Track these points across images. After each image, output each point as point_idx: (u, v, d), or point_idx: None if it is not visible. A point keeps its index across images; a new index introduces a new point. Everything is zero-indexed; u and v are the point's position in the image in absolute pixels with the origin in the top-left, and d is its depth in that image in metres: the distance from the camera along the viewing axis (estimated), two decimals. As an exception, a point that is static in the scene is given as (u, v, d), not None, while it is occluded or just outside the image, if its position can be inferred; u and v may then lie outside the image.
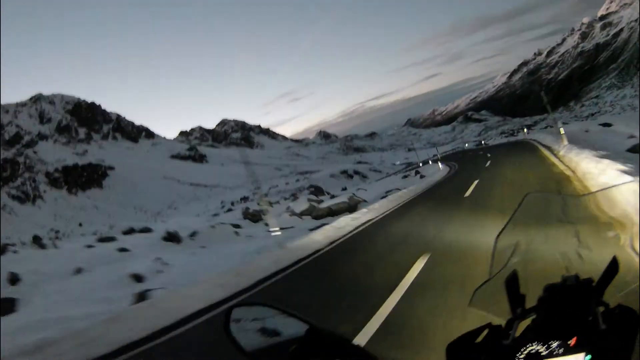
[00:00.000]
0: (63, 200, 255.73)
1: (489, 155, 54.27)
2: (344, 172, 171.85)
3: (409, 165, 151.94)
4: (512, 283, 1.75)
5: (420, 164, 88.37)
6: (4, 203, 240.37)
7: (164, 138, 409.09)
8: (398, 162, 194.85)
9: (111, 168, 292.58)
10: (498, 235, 2.01)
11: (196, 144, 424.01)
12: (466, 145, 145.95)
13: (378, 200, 29.78)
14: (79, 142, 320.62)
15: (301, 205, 35.61)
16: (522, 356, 1.54)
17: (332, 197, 45.57)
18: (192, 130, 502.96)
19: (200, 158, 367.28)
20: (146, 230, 30.17)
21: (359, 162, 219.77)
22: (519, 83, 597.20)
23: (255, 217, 35.34)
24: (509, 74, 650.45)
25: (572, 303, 1.65)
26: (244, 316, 1.80)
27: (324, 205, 34.25)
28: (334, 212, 31.93)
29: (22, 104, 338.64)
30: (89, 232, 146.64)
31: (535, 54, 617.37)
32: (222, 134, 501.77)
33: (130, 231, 30.63)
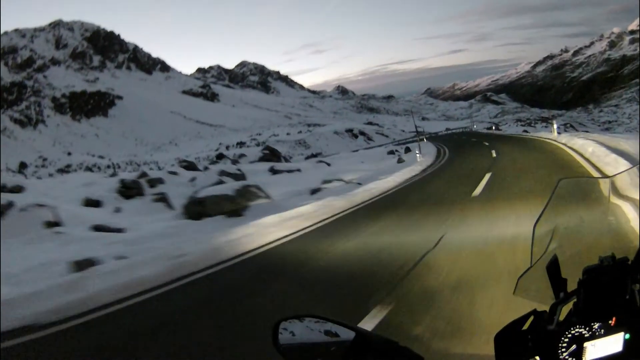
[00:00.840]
0: (65, 126, 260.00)
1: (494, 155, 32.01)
2: (349, 130, 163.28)
3: (417, 135, 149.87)
4: (553, 268, 1.79)
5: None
6: (5, 126, 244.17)
7: (180, 73, 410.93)
8: (411, 130, 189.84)
9: (119, 98, 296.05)
10: (536, 223, 2.04)
11: (212, 82, 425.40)
12: (474, 126, 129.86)
13: (297, 202, 17.63)
14: (91, 70, 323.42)
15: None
16: (566, 340, 1.57)
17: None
18: (210, 68, 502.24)
19: (212, 96, 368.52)
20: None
21: (369, 123, 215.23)
22: (542, 75, 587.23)
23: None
24: (533, 64, 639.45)
25: (610, 283, 1.66)
26: (292, 328, 1.81)
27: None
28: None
29: (41, 29, 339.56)
30: (77, 162, 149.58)
31: (562, 50, 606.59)
32: (240, 76, 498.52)
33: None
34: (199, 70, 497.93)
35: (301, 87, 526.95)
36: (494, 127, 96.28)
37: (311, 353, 1.75)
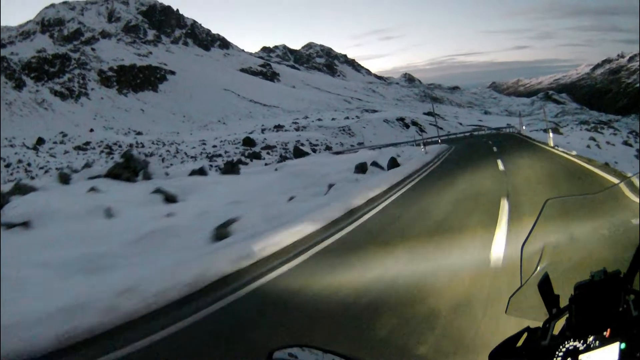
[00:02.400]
0: (109, 99, 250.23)
1: None
2: (401, 119, 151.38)
3: (477, 129, 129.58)
4: (545, 285, 1.78)
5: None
6: (43, 98, 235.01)
7: (241, 50, 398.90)
8: (470, 123, 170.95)
9: (172, 73, 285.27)
10: (523, 244, 2.03)
11: (276, 62, 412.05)
12: (524, 127, 65.35)
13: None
14: (144, 44, 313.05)
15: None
16: (560, 354, 1.56)
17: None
18: (276, 47, 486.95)
19: (272, 76, 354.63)
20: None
21: (429, 113, 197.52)
22: (600, 78, 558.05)
23: None
24: (592, 66, 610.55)
25: (602, 297, 1.67)
26: (284, 358, 1.77)
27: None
28: None
29: (93, 2, 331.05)
30: (98, 139, 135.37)
31: (618, 55, 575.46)
32: (306, 57, 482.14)
33: None
34: (264, 49, 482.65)
35: (368, 72, 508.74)
36: (551, 133, 65.45)
37: None
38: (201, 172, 27.31)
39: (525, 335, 1.69)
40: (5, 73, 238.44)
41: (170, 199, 19.45)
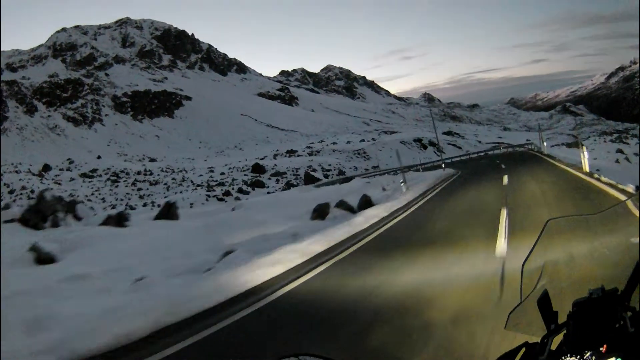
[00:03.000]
0: (124, 125, 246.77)
1: None
2: (418, 140, 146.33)
3: (495, 147, 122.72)
4: (544, 302, 1.81)
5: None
6: (56, 124, 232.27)
7: (259, 75, 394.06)
8: (489, 141, 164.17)
9: (188, 98, 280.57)
10: (524, 262, 2.07)
11: (295, 86, 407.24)
12: (544, 144, 62.22)
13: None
14: (159, 69, 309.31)
15: None
16: None
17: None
18: (294, 71, 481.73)
19: (290, 100, 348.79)
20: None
21: (449, 132, 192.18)
22: (615, 86, 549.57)
23: None
24: (607, 75, 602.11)
25: (600, 313, 1.69)
26: None
27: None
28: None
29: (106, 27, 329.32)
30: (105, 166, 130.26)
31: (631, 62, 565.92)
32: (325, 80, 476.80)
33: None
34: (282, 73, 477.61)
35: (387, 93, 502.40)
36: (585, 152, 51.30)
37: None
38: (119, 219, 20.46)
39: (523, 350, 1.70)
40: (16, 97, 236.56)
41: (44, 259, 14.67)
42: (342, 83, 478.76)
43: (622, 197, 16.73)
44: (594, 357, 1.55)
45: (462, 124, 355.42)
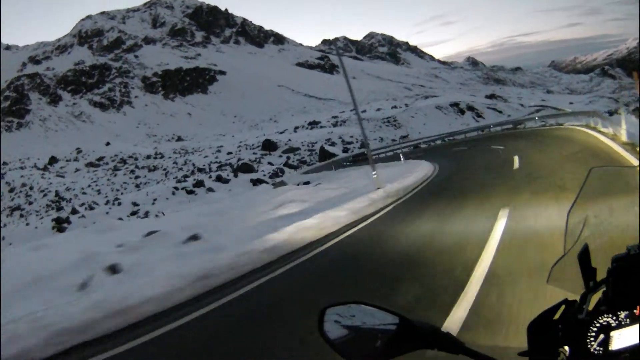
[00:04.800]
0: (154, 106, 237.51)
1: None
2: (455, 104, 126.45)
3: (540, 109, 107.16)
4: (584, 257, 1.73)
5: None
6: (81, 111, 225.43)
7: (298, 45, 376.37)
8: (533, 104, 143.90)
9: (222, 73, 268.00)
10: (569, 212, 1.98)
11: (337, 54, 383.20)
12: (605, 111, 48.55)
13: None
14: (192, 46, 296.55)
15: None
16: (594, 329, 1.52)
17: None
18: (336, 39, 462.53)
19: (331, 68, 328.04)
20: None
21: (491, 96, 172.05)
22: None
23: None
24: (638, 40, 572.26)
25: (636, 272, 1.60)
26: (337, 315, 1.75)
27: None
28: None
29: (135, 9, 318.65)
30: (112, 153, 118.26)
31: None
32: (368, 47, 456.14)
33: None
34: (324, 42, 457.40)
35: (431, 57, 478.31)
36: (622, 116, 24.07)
37: (356, 339, 1.71)
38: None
39: (562, 307, 1.64)
40: (39, 89, 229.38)
41: None
42: (386, 49, 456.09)
43: None
44: (628, 319, 1.50)
45: (505, 87, 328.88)
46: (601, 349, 1.48)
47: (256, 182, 60.71)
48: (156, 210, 53.85)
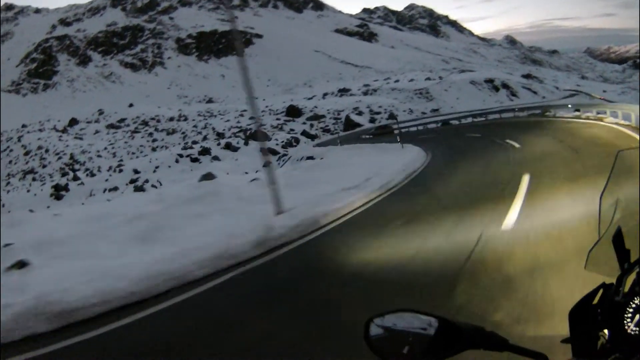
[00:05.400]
0: (187, 67, 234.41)
1: None
2: (490, 81, 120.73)
3: (574, 94, 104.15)
4: (618, 240, 1.71)
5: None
6: (111, 71, 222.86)
7: (338, 12, 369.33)
8: (568, 87, 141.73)
9: (259, 36, 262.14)
10: (601, 195, 1.95)
11: (378, 23, 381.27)
12: None
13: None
14: (229, 9, 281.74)
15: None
16: (630, 310, 1.50)
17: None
18: (376, 8, 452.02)
19: (369, 36, 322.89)
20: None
21: (527, 75, 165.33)
22: None
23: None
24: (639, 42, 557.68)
25: None
26: (382, 323, 1.69)
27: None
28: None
29: None
30: (134, 114, 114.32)
31: None
32: (408, 18, 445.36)
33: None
34: (364, 10, 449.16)
35: (471, 33, 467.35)
36: None
37: (400, 343, 1.67)
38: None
39: (601, 291, 1.60)
40: (67, 51, 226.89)
41: None
42: (426, 22, 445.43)
43: None
44: None
45: (542, 69, 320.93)
46: (637, 329, 1.46)
47: (267, 151, 54.84)
48: (156, 178, 49.98)
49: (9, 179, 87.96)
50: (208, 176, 24.90)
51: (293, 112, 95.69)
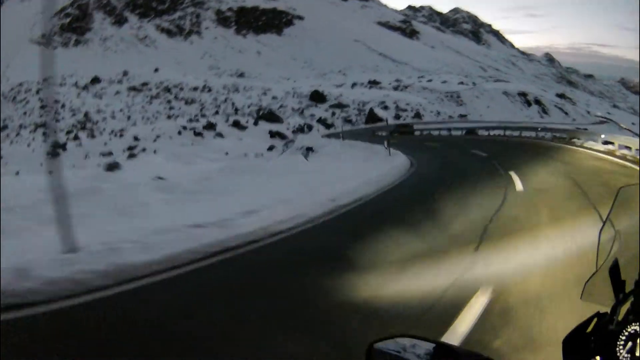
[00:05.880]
0: (223, 39, 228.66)
1: None
2: (523, 94, 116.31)
3: (604, 122, 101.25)
4: (615, 271, 1.73)
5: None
6: (146, 34, 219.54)
7: (383, 5, 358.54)
8: (599, 114, 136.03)
9: (300, 18, 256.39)
10: (601, 230, 1.97)
11: (422, 22, 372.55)
12: None
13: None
14: None
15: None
16: (623, 338, 1.52)
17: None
18: (422, 7, 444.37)
19: (411, 33, 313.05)
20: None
21: (561, 95, 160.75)
22: None
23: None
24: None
25: None
26: (383, 348, 1.70)
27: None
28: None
29: None
30: (158, 80, 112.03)
31: None
32: (452, 21, 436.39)
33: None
34: (410, 7, 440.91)
35: (512, 45, 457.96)
36: None
37: None
38: None
39: (595, 320, 1.63)
40: (104, 10, 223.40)
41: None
42: (469, 27, 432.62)
43: None
44: None
45: (576, 91, 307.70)
46: (629, 355, 1.49)
47: (275, 134, 53.03)
48: (153, 148, 47.09)
49: (19, 130, 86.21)
50: (113, 166, 19.84)
51: (317, 97, 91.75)
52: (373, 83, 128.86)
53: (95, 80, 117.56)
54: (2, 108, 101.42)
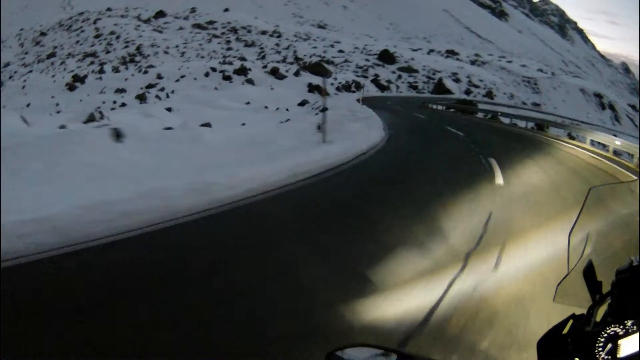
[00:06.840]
0: None
1: None
2: (599, 95, 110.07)
3: None
4: (589, 272, 1.67)
5: None
6: None
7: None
8: None
9: None
10: (570, 232, 1.88)
11: (512, 5, 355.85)
12: None
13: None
14: None
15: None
16: (602, 339, 1.44)
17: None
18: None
19: (500, 14, 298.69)
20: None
21: (633, 107, 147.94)
22: None
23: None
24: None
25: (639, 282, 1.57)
26: (343, 356, 1.64)
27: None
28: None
29: None
30: (228, 19, 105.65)
31: None
32: (541, 11, 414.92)
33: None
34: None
35: (593, 47, 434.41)
36: None
37: None
38: None
39: (570, 322, 1.57)
40: None
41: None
42: (556, 20, 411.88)
43: None
44: (635, 327, 1.43)
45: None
46: (609, 357, 1.42)
47: (315, 88, 44.22)
48: (173, 89, 40.74)
49: (66, 59, 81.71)
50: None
51: (386, 57, 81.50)
52: (451, 52, 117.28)
53: (160, 14, 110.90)
54: (56, 36, 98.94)
